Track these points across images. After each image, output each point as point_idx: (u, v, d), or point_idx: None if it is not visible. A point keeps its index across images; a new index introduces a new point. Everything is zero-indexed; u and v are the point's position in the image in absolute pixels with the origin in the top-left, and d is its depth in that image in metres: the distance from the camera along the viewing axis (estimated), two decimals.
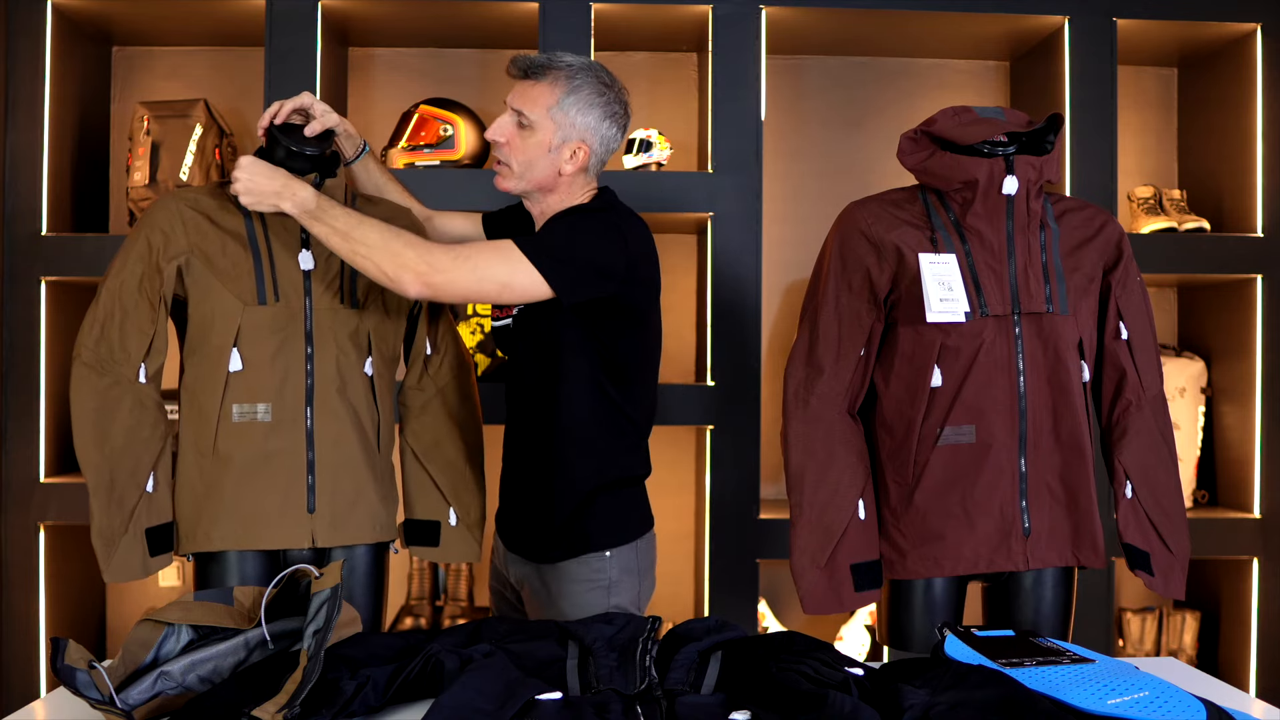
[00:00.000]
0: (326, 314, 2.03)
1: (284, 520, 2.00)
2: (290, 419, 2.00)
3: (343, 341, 2.03)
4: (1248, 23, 3.13)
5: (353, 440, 2.04)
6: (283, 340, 2.00)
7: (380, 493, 2.10)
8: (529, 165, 2.01)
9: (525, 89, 2.01)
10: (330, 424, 2.02)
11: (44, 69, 3.00)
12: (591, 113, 2.01)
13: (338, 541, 2.05)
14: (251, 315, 1.99)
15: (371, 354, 2.08)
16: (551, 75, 2.00)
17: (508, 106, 2.03)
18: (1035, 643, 1.65)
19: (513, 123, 2.02)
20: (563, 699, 1.39)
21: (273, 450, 1.99)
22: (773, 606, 3.35)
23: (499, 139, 2.03)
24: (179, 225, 2.00)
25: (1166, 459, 2.13)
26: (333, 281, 2.04)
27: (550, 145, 2.00)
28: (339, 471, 2.03)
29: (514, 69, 2.03)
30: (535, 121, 1.99)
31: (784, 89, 3.44)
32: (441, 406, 2.20)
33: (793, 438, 2.08)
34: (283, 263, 2.02)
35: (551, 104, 1.99)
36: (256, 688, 1.43)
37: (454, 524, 2.18)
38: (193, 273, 2.00)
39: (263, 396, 1.99)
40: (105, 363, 1.97)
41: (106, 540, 1.96)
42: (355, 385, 2.05)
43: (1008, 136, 2.03)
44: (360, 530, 2.07)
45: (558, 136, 2.00)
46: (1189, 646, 3.28)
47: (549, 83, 2.00)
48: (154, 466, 2.00)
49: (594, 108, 2.01)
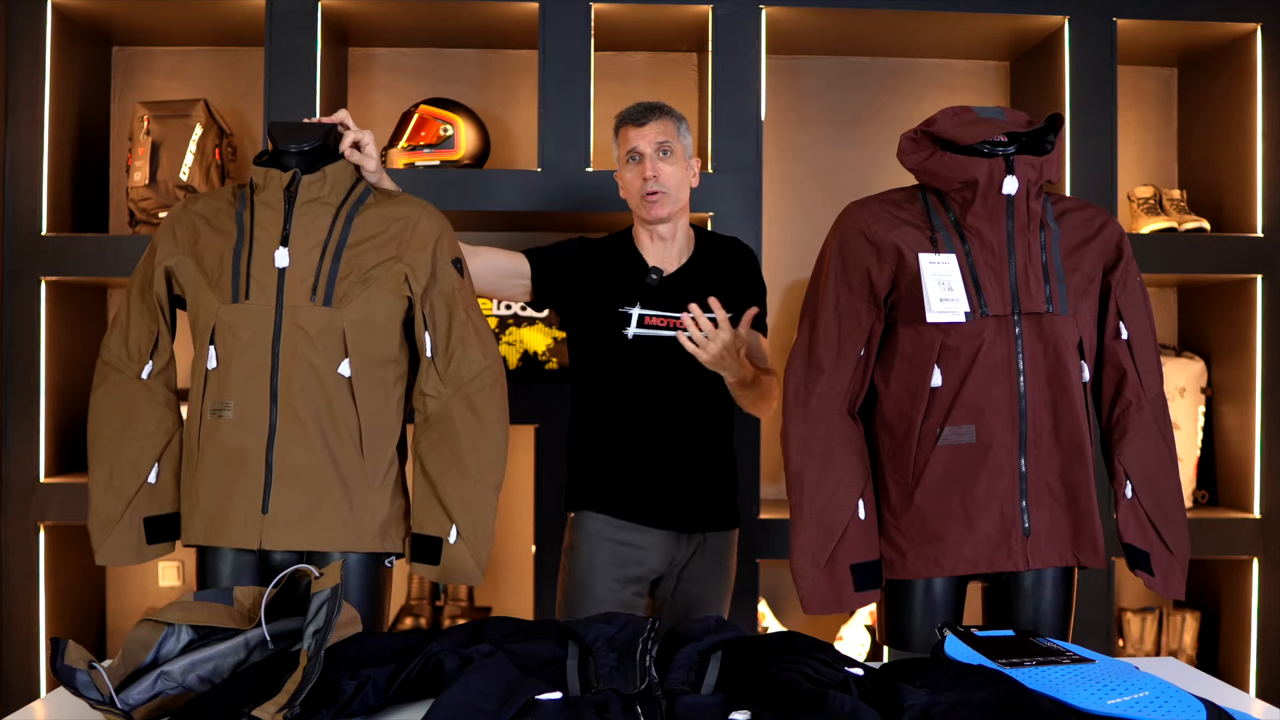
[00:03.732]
0: (296, 312, 1.99)
1: (239, 519, 1.99)
2: (252, 417, 1.98)
3: (312, 341, 1.98)
4: (1248, 23, 3.13)
5: (316, 443, 1.98)
6: (251, 338, 1.99)
7: (352, 500, 2.01)
8: (680, 186, 2.42)
9: (654, 126, 2.39)
10: (292, 425, 1.98)
11: (44, 69, 3.00)
12: (688, 135, 2.46)
13: (290, 546, 1.99)
14: (225, 313, 2.00)
15: (349, 355, 2.01)
16: (663, 112, 2.42)
17: (640, 152, 2.38)
18: (1035, 643, 1.65)
19: (657, 157, 2.38)
20: (563, 699, 1.39)
21: (234, 448, 1.99)
22: (773, 606, 3.35)
23: (653, 174, 2.37)
24: (177, 229, 2.08)
25: (1166, 459, 2.13)
26: (305, 279, 1.99)
27: (687, 165, 2.44)
28: (297, 474, 1.98)
29: (628, 122, 2.42)
30: (675, 146, 2.40)
31: (784, 89, 3.44)
32: (452, 414, 2.06)
33: (793, 438, 2.08)
34: (260, 261, 2.01)
35: (676, 131, 2.42)
36: (256, 688, 1.43)
37: (454, 542, 2.04)
38: (184, 274, 2.05)
39: (229, 394, 1.99)
40: (121, 361, 2.10)
41: (102, 525, 2.06)
42: (324, 387, 1.99)
43: (1008, 136, 2.02)
44: (318, 537, 1.99)
45: (687, 155, 2.44)
46: (1189, 646, 3.28)
47: (667, 117, 2.41)
48: (158, 458, 2.07)
49: (687, 130, 2.46)
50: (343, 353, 2.01)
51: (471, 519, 2.05)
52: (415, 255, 2.06)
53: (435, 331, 2.07)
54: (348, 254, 2.03)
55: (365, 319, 2.02)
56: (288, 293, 2.00)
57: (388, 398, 2.07)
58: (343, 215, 2.06)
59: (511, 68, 3.41)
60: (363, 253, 2.03)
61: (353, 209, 2.08)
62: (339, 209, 2.07)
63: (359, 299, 2.01)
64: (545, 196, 3.02)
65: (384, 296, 2.03)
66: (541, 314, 3.18)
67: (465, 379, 2.07)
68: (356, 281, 2.01)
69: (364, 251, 2.04)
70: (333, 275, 2.01)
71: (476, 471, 2.06)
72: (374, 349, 2.04)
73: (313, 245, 2.02)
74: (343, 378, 2.01)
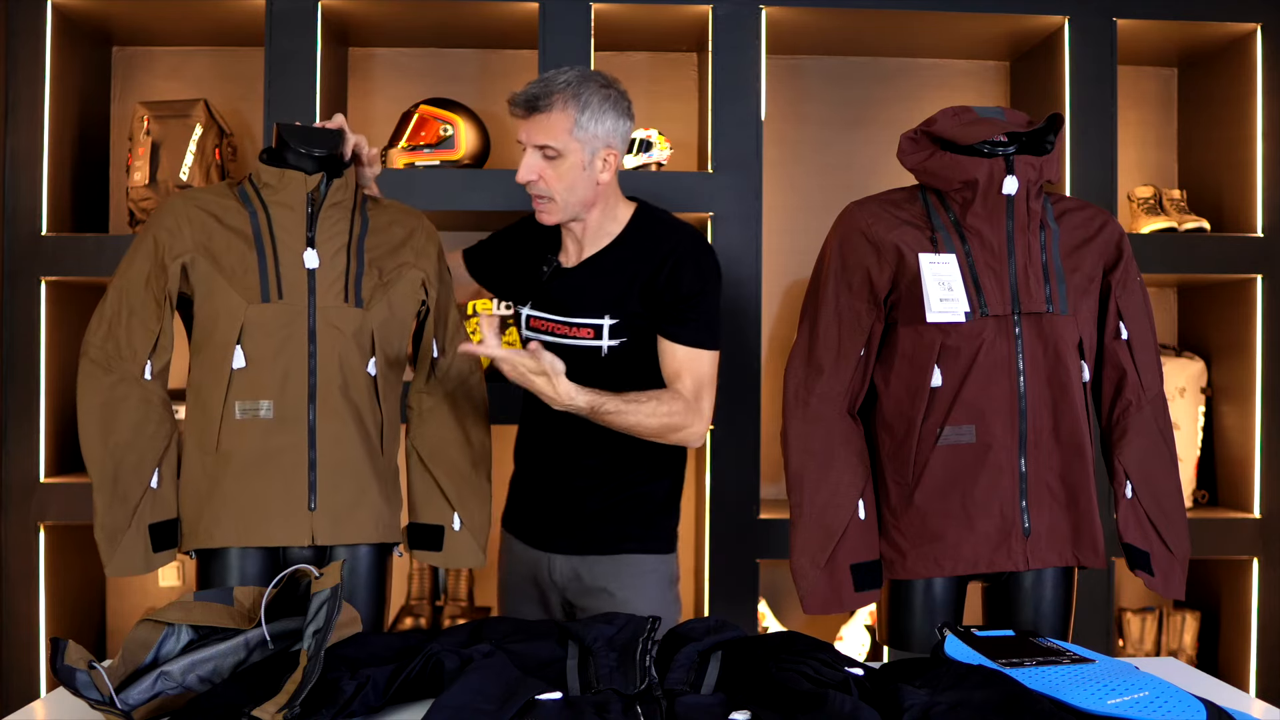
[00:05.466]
0: (330, 312, 2.02)
1: (285, 517, 2.00)
2: (292, 416, 2.00)
3: (346, 340, 2.03)
4: (1248, 23, 3.13)
5: (355, 439, 2.04)
6: (285, 338, 2.00)
7: (384, 494, 2.09)
8: (570, 190, 2.07)
9: (538, 122, 2.04)
10: (332, 422, 2.02)
11: (44, 69, 3.00)
12: (606, 118, 2.06)
13: (338, 540, 2.04)
14: (255, 313, 1.99)
15: (375, 354, 2.07)
16: (559, 100, 2.03)
17: (525, 146, 2.06)
18: (1035, 643, 1.65)
19: (538, 159, 2.06)
20: (563, 699, 1.39)
21: (274, 447, 1.99)
22: (773, 606, 3.35)
23: (532, 178, 2.07)
24: (185, 224, 2.03)
25: (1166, 459, 2.13)
26: (336, 280, 2.03)
27: (584, 164, 2.06)
28: (340, 470, 2.03)
29: (518, 109, 2.06)
30: (562, 148, 2.03)
31: (784, 89, 3.44)
32: (449, 410, 2.19)
33: (793, 438, 2.08)
34: (287, 261, 2.02)
35: (570, 126, 2.03)
36: (256, 688, 1.43)
37: (457, 529, 2.16)
38: (198, 271, 2.02)
39: (265, 394, 1.99)
40: (112, 360, 2.01)
41: (110, 535, 1.98)
42: (358, 384, 2.05)
43: (1008, 136, 2.02)
44: (362, 530, 2.06)
45: (587, 152, 2.05)
46: (1189, 646, 3.28)
47: (560, 108, 2.03)
48: (159, 463, 2.03)
49: (606, 113, 2.06)
50: (371, 352, 2.06)
51: (472, 507, 2.19)
52: (426, 261, 2.16)
53: (444, 333, 2.20)
54: (366, 256, 2.08)
55: (389, 319, 2.09)
56: (319, 293, 2.02)
57: (399, 395, 2.16)
58: (357, 217, 2.11)
59: (511, 68, 3.40)
60: (379, 256, 2.09)
61: (363, 212, 2.13)
62: (353, 211, 2.11)
63: (382, 301, 2.08)
64: None
65: (403, 299, 2.11)
66: None
67: (464, 375, 2.21)
68: (379, 284, 2.07)
69: (380, 255, 2.10)
70: (359, 276, 2.06)
71: (473, 462, 2.20)
72: (394, 348, 2.12)
73: (338, 247, 2.06)
74: (370, 376, 2.06)
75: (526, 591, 2.23)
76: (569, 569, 2.17)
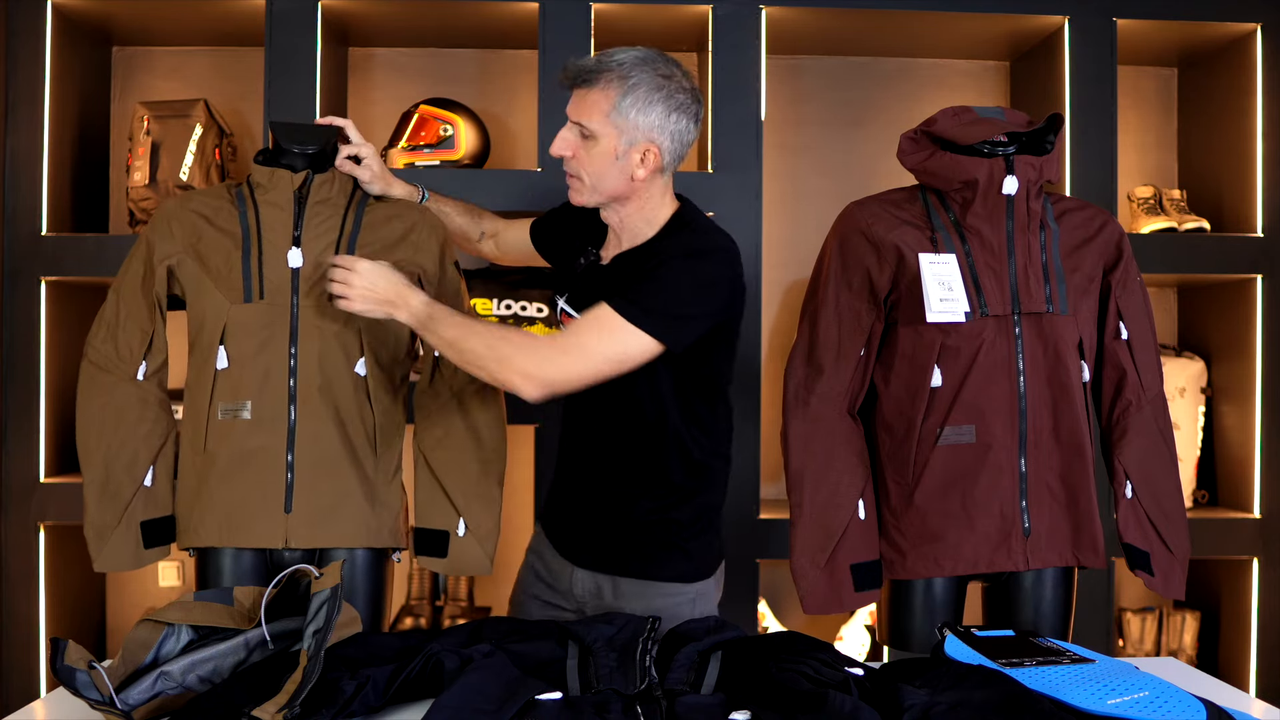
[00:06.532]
0: (312, 312, 2.01)
1: (261, 519, 1.99)
2: (271, 417, 1.99)
3: (329, 340, 2.01)
4: (1248, 23, 3.13)
5: (335, 441, 2.01)
6: (267, 338, 1.99)
7: (371, 496, 2.05)
8: (599, 177, 1.92)
9: (580, 98, 1.91)
10: (312, 423, 2.00)
11: (44, 69, 3.00)
12: (653, 110, 1.89)
13: (315, 544, 2.02)
14: (237, 313, 1.99)
15: (365, 354, 2.04)
16: (604, 79, 1.89)
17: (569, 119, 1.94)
18: (1035, 643, 1.65)
19: (575, 135, 1.92)
20: (563, 699, 1.39)
21: (253, 448, 1.99)
22: (773, 606, 3.35)
23: (565, 153, 1.94)
24: (174, 226, 2.05)
25: (1166, 459, 2.13)
26: (321, 279, 2.01)
27: (616, 153, 1.90)
28: (319, 472, 2.00)
29: (565, 78, 1.93)
30: (596, 130, 1.89)
31: (784, 89, 3.44)
32: (456, 411, 2.13)
33: (793, 438, 2.08)
34: (272, 261, 2.01)
35: (609, 109, 1.88)
36: (256, 688, 1.43)
37: (462, 535, 2.10)
38: (186, 273, 2.03)
39: (245, 394, 1.99)
40: (110, 361, 2.05)
41: (98, 532, 2.03)
42: (343, 385, 2.02)
43: (1008, 136, 2.03)
44: (343, 534, 2.03)
45: (623, 142, 1.89)
46: (1189, 646, 3.28)
47: (602, 87, 1.89)
48: (154, 461, 2.04)
49: (654, 104, 1.88)
50: (359, 352, 2.04)
51: (479, 512, 2.12)
52: (425, 257, 2.11)
53: None
54: (358, 255, 2.04)
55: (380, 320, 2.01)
56: (303, 293, 2.01)
57: (397, 396, 2.12)
58: (350, 216, 2.09)
59: (511, 68, 3.40)
60: (373, 254, 2.05)
61: (359, 210, 2.11)
62: (346, 209, 2.09)
63: None
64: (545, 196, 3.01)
65: None
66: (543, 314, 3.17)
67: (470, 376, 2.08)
68: None
69: (375, 253, 2.05)
70: None
71: (482, 465, 2.14)
72: (388, 348, 2.09)
73: (325, 245, 2.04)
74: (359, 376, 2.04)
75: (540, 592, 2.09)
76: (591, 584, 2.01)
